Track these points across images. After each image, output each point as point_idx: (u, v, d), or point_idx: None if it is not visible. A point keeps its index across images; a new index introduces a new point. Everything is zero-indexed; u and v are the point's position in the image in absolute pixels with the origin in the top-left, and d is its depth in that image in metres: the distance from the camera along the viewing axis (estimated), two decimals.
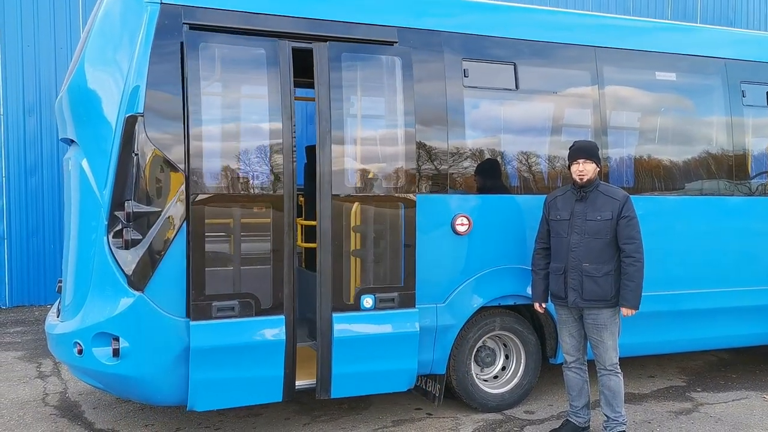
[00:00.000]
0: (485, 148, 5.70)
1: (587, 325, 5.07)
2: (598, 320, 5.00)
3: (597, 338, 5.03)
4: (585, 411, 5.25)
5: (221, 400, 4.88)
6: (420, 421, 5.65)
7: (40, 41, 10.59)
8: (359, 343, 5.06)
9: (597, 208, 4.98)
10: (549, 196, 5.27)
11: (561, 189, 5.27)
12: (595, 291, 4.94)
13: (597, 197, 5.01)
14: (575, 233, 5.01)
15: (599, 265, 4.94)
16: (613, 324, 5.02)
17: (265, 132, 4.85)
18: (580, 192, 5.05)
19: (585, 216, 4.99)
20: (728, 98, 6.40)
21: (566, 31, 5.95)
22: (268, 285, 4.85)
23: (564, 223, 5.07)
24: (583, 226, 4.98)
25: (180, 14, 4.69)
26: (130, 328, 4.63)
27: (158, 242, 4.61)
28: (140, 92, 4.57)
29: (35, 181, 10.69)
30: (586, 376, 5.24)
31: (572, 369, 5.23)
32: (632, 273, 4.91)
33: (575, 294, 5.00)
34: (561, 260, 5.08)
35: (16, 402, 6.07)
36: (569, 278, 5.02)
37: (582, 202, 5.03)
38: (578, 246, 4.98)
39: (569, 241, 5.02)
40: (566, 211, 5.07)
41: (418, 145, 5.28)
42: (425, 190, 5.36)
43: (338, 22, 5.13)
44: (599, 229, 4.95)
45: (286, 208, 4.87)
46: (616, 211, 4.93)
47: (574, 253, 4.99)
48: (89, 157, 4.85)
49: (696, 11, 15.01)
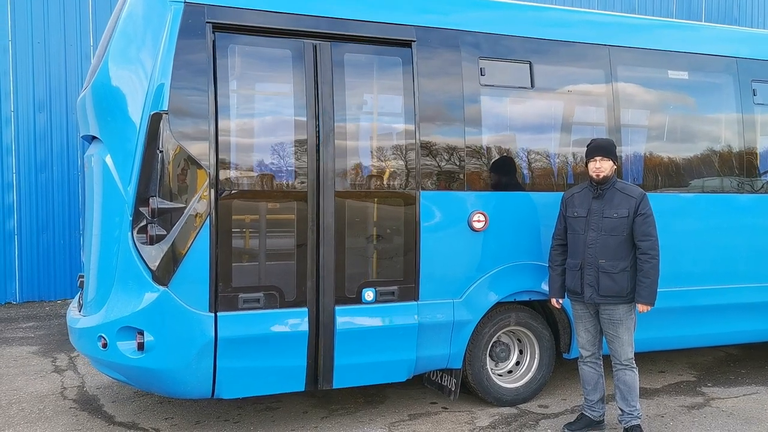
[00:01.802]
0: (501, 145, 5.77)
1: (603, 321, 5.15)
2: (613, 316, 5.07)
3: (613, 333, 5.11)
4: (600, 405, 5.32)
5: (246, 388, 5.00)
6: (436, 414, 5.73)
7: (50, 39, 10.66)
8: (361, 335, 5.17)
9: (614, 205, 5.05)
10: (566, 193, 5.34)
11: (578, 186, 5.34)
12: (611, 287, 5.01)
13: (614, 195, 5.08)
14: (592, 230, 5.08)
15: (615, 262, 5.01)
16: (629, 319, 5.10)
17: (290, 129, 4.95)
18: (597, 189, 5.11)
19: (602, 213, 5.06)
20: (739, 96, 6.47)
21: (580, 30, 6.03)
22: (292, 278, 4.96)
23: (581, 220, 5.14)
24: (599, 223, 5.05)
25: (204, 13, 4.76)
26: (154, 322, 4.71)
27: (182, 238, 4.69)
28: (165, 90, 4.64)
29: (45, 177, 10.75)
30: (602, 371, 5.31)
31: (588, 363, 5.31)
32: (648, 270, 4.98)
33: (591, 290, 5.07)
34: (577, 256, 5.15)
35: (35, 396, 6.14)
36: (585, 274, 5.09)
37: (599, 200, 5.10)
38: (595, 243, 5.05)
39: (586, 237, 5.09)
40: (583, 208, 5.14)
41: (433, 142, 5.38)
42: (441, 187, 5.43)
43: (358, 21, 5.20)
44: (615, 226, 5.02)
45: (309, 203, 4.96)
46: (633, 208, 5.00)
47: (590, 250, 5.06)
48: (113, 153, 4.92)
49: (701, 9, 15.09)
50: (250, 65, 5.02)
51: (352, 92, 5.20)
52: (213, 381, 4.83)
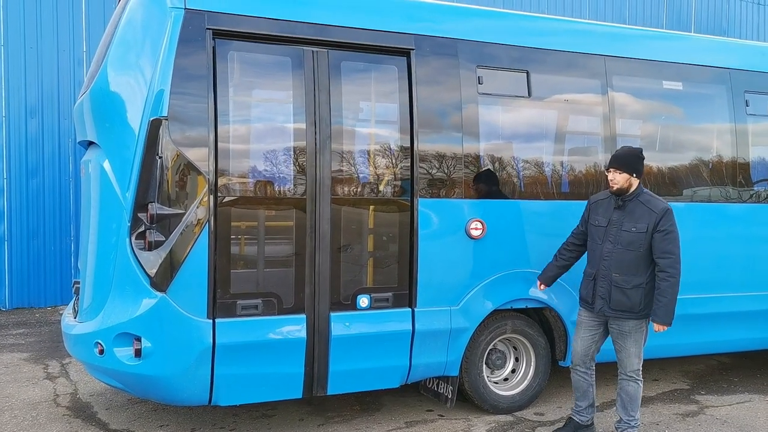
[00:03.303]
0: (499, 153, 5.79)
1: (612, 332, 5.10)
2: (623, 328, 5.02)
3: (621, 344, 5.07)
4: (589, 410, 5.30)
5: (244, 395, 4.99)
6: (432, 422, 5.72)
7: (43, 43, 10.60)
8: (355, 341, 5.17)
9: (634, 218, 4.93)
10: (592, 198, 5.28)
11: (604, 193, 5.22)
12: (623, 302, 4.94)
13: (636, 207, 4.95)
14: (609, 242, 4.98)
15: (629, 277, 4.91)
16: (638, 332, 5.01)
17: (288, 136, 4.96)
18: (618, 200, 5.01)
19: (621, 226, 4.95)
20: (732, 107, 6.54)
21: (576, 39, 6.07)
22: (291, 285, 4.96)
23: (601, 229, 5.05)
24: (617, 236, 4.95)
25: (204, 19, 4.76)
26: (152, 329, 4.68)
27: (181, 244, 4.67)
28: (164, 96, 4.64)
29: (36, 182, 10.67)
30: (593, 380, 5.29)
31: (578, 372, 5.29)
32: (665, 288, 4.82)
33: (602, 302, 5.02)
34: (593, 266, 5.09)
35: (28, 403, 6.08)
36: (598, 285, 5.02)
37: (620, 211, 4.99)
38: (610, 255, 4.96)
39: (602, 248, 5.01)
40: (605, 217, 5.05)
41: (431, 150, 5.40)
42: (438, 195, 5.44)
43: (356, 29, 5.21)
44: (632, 241, 4.90)
45: (308, 210, 4.97)
46: (652, 224, 4.86)
47: (605, 262, 4.98)
48: (112, 159, 4.90)
49: (690, 20, 15.23)
50: (250, 72, 5.03)
51: (351, 99, 5.23)
52: (210, 388, 4.82)
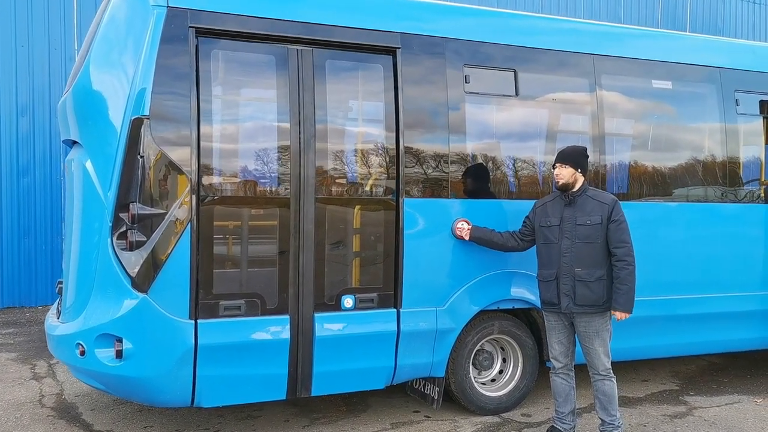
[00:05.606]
0: (485, 152, 5.76)
1: (579, 333, 5.10)
2: (589, 328, 5.03)
3: (588, 346, 5.07)
4: (570, 417, 5.27)
5: (227, 396, 4.95)
6: (418, 423, 5.69)
7: (34, 42, 10.57)
8: (340, 342, 5.13)
9: (587, 212, 5.01)
10: (538, 202, 5.32)
11: (550, 195, 5.31)
12: (588, 296, 4.97)
13: (586, 202, 5.05)
14: (566, 238, 5.03)
15: (591, 270, 4.96)
16: (604, 331, 5.05)
17: (272, 135, 4.92)
18: (567, 197, 5.09)
19: (575, 220, 5.02)
20: (722, 106, 6.51)
21: (565, 38, 6.04)
22: (274, 285, 4.92)
23: (554, 228, 5.10)
24: (573, 231, 5.01)
25: (187, 18, 4.72)
26: (133, 330, 4.64)
27: (163, 244, 4.64)
28: (146, 95, 4.60)
29: (27, 181, 10.64)
30: (573, 383, 5.27)
31: (559, 375, 5.26)
32: (624, 276, 4.93)
33: (568, 299, 5.02)
34: (552, 266, 5.10)
35: (12, 403, 6.05)
36: (561, 284, 5.04)
37: (571, 207, 5.06)
38: (569, 251, 5.01)
39: (560, 246, 5.05)
40: (556, 216, 5.10)
41: (417, 149, 5.36)
42: (424, 195, 5.41)
43: (342, 27, 5.18)
44: (589, 234, 4.97)
45: (292, 210, 4.93)
46: (606, 215, 4.96)
47: (566, 258, 5.02)
48: (93, 158, 4.86)
49: (685, 19, 15.21)
50: (233, 71, 4.99)
51: (336, 98, 5.18)
52: (193, 389, 4.78)
